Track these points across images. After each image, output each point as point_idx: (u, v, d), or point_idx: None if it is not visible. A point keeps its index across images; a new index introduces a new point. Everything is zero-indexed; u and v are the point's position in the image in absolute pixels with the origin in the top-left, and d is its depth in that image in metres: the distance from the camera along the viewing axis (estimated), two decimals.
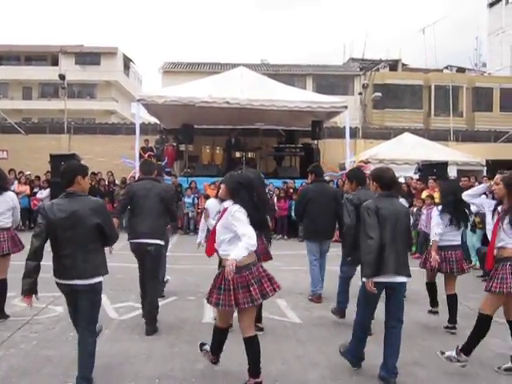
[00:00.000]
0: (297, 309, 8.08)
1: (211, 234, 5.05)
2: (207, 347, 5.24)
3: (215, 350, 5.18)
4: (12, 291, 7.81)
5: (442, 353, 5.56)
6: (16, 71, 46.35)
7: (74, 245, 4.70)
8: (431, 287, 7.38)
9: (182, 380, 5.06)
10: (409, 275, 5.15)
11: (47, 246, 4.74)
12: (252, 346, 4.84)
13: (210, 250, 5.04)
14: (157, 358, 5.82)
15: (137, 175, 7.81)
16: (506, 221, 5.20)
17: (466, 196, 6.91)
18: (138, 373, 5.34)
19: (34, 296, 4.60)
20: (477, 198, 7.18)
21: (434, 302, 7.41)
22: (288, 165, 23.48)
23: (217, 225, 4.95)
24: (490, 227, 5.94)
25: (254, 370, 4.83)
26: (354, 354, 5.37)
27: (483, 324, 5.31)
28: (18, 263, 4.89)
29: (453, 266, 6.90)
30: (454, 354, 5.41)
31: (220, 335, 5.11)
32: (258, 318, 6.52)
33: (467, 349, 5.36)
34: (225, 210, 4.91)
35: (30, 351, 5.84)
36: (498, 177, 5.54)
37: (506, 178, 5.38)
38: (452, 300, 7.01)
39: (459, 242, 7.08)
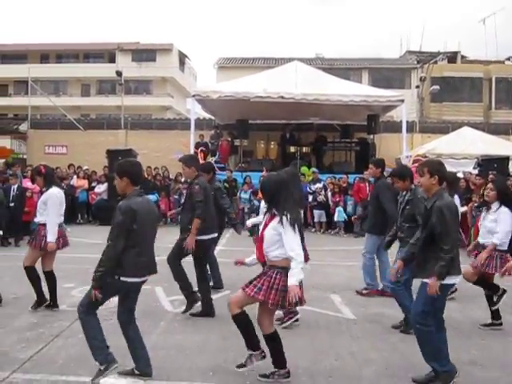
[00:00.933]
0: (351, 304, 7.99)
1: (259, 242, 4.97)
2: (249, 357, 5.09)
3: (254, 343, 5.09)
4: (71, 282, 8.03)
5: None
6: (74, 69, 47.48)
7: (151, 242, 5.06)
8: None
9: (235, 372, 5.06)
10: None
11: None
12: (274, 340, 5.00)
13: (261, 255, 4.98)
14: (210, 350, 5.85)
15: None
16: None
17: None
18: (192, 365, 5.38)
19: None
20: None
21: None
22: (343, 159, 23.27)
23: (264, 233, 4.90)
24: None
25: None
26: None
27: None
28: (76, 256, 4.99)
29: None
30: None
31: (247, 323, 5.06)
32: None
33: None
34: (272, 217, 4.87)
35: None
36: None
37: None
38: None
39: None
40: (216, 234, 7.78)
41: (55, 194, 7.31)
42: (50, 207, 7.21)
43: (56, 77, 46.68)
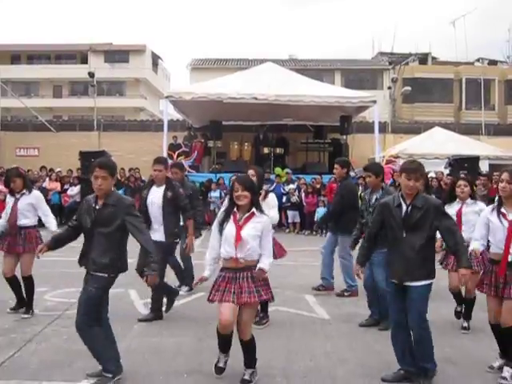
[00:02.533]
0: (325, 305, 8.03)
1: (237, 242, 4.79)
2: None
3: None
4: (43, 286, 7.93)
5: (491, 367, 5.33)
6: (46, 70, 46.85)
7: None
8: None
9: (210, 375, 5.05)
10: None
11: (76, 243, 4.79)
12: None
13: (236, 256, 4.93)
14: (185, 352, 5.83)
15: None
16: None
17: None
18: (167, 368, 5.35)
19: None
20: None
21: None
22: (317, 160, 23.37)
23: (244, 233, 4.77)
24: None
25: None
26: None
27: None
28: (48, 259, 4.95)
29: None
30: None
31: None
32: None
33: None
34: (250, 216, 4.83)
35: (61, 345, 5.90)
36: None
37: None
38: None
39: None
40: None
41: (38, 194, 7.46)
42: (45, 206, 7.34)
43: (27, 78, 46.03)
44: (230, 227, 4.80)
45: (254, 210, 4.83)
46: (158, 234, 7.00)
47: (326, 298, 8.45)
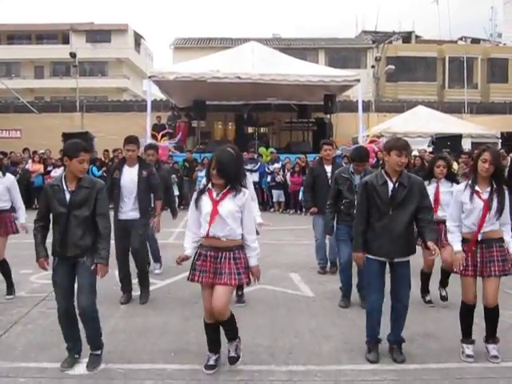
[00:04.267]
0: (310, 282, 8.12)
1: (212, 219, 4.65)
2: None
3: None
4: (28, 268, 7.93)
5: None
6: (27, 50, 46.22)
7: None
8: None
9: (196, 353, 5.11)
10: None
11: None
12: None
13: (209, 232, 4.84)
14: (172, 332, 5.89)
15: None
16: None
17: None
18: (153, 347, 5.41)
19: None
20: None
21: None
22: (301, 139, 23.39)
23: (221, 210, 4.62)
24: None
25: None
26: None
27: None
28: (32, 241, 4.94)
29: None
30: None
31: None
32: None
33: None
34: (227, 192, 4.67)
35: (47, 327, 5.92)
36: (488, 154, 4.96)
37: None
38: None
39: None
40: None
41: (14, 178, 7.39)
42: (16, 191, 7.24)
43: (8, 58, 45.36)
44: (206, 203, 4.66)
45: (229, 186, 4.66)
46: (131, 212, 7.02)
47: (311, 276, 8.53)
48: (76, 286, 4.90)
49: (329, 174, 8.49)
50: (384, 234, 4.97)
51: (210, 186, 4.73)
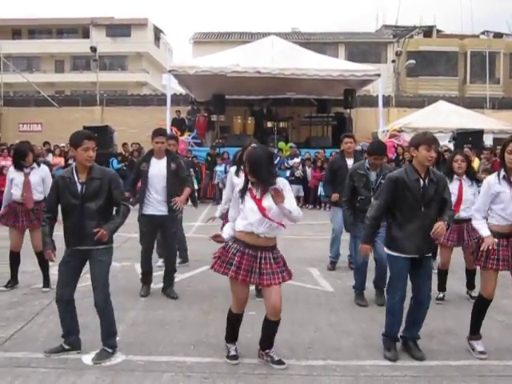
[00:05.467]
0: (329, 277, 8.11)
1: (264, 214, 4.60)
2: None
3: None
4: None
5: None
6: (48, 45, 46.58)
7: None
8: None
9: (215, 346, 5.13)
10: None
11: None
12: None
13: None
14: (191, 325, 5.91)
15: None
16: None
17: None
18: (172, 339, 5.43)
19: None
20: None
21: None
22: (320, 134, 23.31)
23: (267, 202, 4.61)
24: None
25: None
26: None
27: None
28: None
29: None
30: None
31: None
32: None
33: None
34: (264, 191, 4.67)
35: None
36: None
37: None
38: None
39: None
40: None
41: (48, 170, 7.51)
42: (51, 182, 7.26)
43: (29, 53, 45.74)
44: (248, 203, 4.65)
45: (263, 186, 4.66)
46: (159, 206, 7.00)
47: (330, 271, 8.52)
48: (90, 279, 4.96)
49: (350, 168, 8.46)
50: (416, 231, 4.89)
51: (249, 185, 4.73)
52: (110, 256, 4.97)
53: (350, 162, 8.46)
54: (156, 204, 7.00)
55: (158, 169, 7.04)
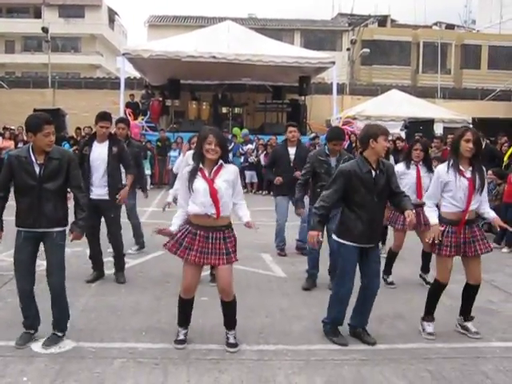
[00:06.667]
0: (281, 263, 8.19)
1: (214, 197, 4.66)
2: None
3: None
4: None
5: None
6: None
7: None
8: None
9: (168, 332, 5.13)
10: None
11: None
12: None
13: (219, 212, 4.74)
14: (143, 311, 5.89)
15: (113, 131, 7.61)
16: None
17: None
18: (124, 325, 5.41)
19: None
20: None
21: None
22: (275, 121, 23.38)
23: (217, 186, 4.69)
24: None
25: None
26: None
27: None
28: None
29: None
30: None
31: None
32: None
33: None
34: (219, 168, 4.75)
35: (16, 305, 5.81)
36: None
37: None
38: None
39: None
40: None
41: None
42: None
43: None
44: (200, 183, 4.68)
45: (221, 161, 4.74)
46: (100, 190, 6.93)
47: (283, 257, 8.60)
48: (45, 263, 4.87)
49: (292, 156, 8.59)
50: (368, 221, 4.95)
51: (200, 165, 4.74)
52: (64, 240, 4.89)
53: (292, 150, 8.59)
54: (97, 188, 6.93)
55: (98, 152, 6.94)
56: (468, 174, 5.11)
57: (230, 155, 17.91)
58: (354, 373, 4.53)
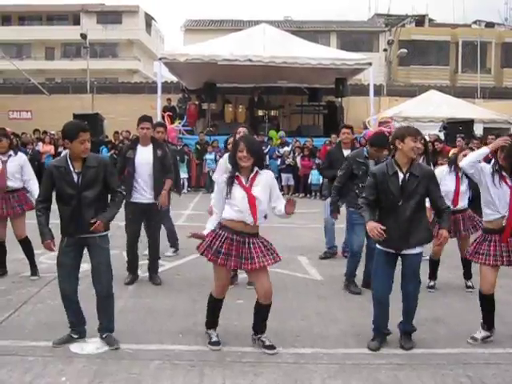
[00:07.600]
0: (318, 266, 8.13)
1: (253, 204, 4.67)
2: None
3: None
4: (37, 249, 7.95)
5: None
6: (38, 31, 46.05)
7: None
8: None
9: (203, 335, 5.13)
10: None
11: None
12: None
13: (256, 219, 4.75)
14: (180, 313, 5.92)
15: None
16: None
17: (467, 162, 5.12)
18: (161, 327, 5.44)
19: None
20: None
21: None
22: (311, 123, 23.30)
23: (256, 194, 4.70)
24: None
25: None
26: None
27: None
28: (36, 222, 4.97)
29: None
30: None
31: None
32: None
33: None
34: (255, 175, 4.75)
35: (56, 307, 5.93)
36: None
37: None
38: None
39: None
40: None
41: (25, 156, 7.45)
42: (29, 167, 7.26)
43: (19, 40, 45.22)
44: (237, 191, 4.68)
45: (256, 168, 4.74)
46: (146, 194, 7.00)
47: (319, 260, 8.54)
48: (91, 267, 4.96)
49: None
50: (392, 226, 4.83)
51: (237, 173, 4.74)
52: (108, 243, 4.98)
53: (346, 152, 8.42)
54: (142, 191, 6.98)
55: (144, 156, 7.00)
56: (510, 182, 4.96)
57: (267, 158, 17.97)
58: (390, 377, 4.46)
